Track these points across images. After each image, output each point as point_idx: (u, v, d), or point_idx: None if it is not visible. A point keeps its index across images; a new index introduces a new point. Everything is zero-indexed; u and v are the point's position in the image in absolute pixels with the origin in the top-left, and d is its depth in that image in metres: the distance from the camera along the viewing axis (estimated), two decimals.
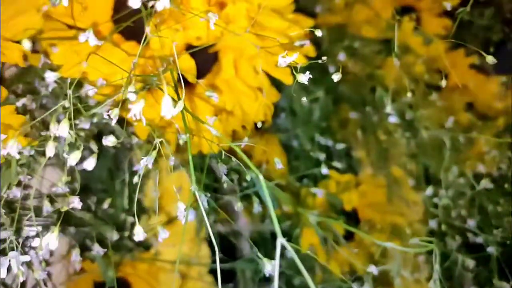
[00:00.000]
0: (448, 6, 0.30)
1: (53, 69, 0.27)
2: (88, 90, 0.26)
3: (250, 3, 0.27)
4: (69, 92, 0.17)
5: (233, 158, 0.23)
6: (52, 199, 0.25)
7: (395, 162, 0.41)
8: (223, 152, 0.22)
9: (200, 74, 0.29)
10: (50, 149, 0.15)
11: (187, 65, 0.26)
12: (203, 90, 0.28)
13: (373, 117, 0.42)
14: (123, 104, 0.28)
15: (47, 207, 0.24)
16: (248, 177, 0.33)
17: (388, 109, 0.27)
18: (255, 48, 0.28)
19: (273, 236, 0.43)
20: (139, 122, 0.18)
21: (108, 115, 0.18)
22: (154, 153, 0.19)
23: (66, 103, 0.24)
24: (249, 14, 0.27)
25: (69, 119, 0.16)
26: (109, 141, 0.17)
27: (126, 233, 0.34)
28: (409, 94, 0.30)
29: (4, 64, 0.29)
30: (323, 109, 0.45)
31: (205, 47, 0.27)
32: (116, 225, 0.34)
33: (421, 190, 0.40)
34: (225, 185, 0.24)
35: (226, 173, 0.23)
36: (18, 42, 0.26)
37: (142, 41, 0.20)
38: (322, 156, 0.41)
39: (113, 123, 0.17)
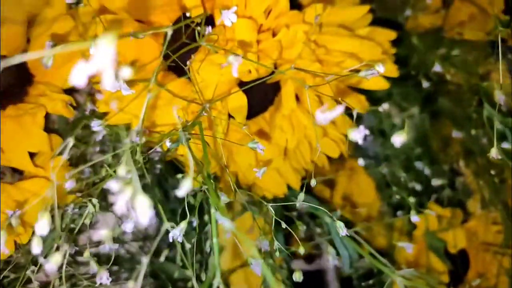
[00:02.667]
0: None
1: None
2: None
3: (309, 23, 0.23)
4: (53, 175, 0.14)
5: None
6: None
7: None
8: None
9: (258, 111, 0.26)
10: (35, 247, 0.13)
11: (238, 104, 0.23)
12: (256, 129, 0.24)
13: (482, 137, 0.34)
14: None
15: (93, 268, 0.22)
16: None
17: (493, 152, 0.20)
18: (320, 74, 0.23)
19: (360, 279, 0.37)
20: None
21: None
22: (183, 225, 0.16)
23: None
24: (308, 37, 0.23)
25: (51, 210, 0.13)
26: (101, 234, 0.14)
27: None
28: None
29: None
30: (419, 128, 0.38)
31: (262, 80, 0.23)
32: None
33: None
34: (277, 253, 0.20)
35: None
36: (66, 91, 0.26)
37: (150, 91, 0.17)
38: (418, 186, 0.35)
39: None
